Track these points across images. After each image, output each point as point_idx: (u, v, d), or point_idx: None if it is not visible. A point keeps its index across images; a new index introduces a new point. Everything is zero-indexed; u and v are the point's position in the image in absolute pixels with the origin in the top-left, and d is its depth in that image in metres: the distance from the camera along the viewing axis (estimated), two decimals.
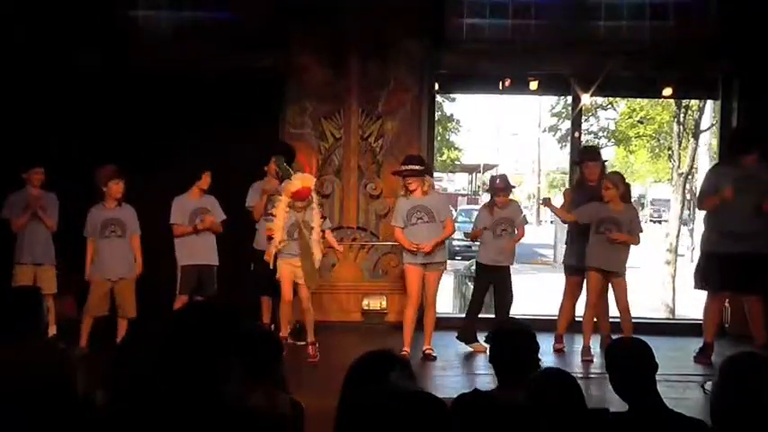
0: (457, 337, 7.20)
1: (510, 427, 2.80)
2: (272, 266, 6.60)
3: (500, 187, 7.17)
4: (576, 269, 7.27)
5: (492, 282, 7.18)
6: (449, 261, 18.38)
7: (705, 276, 6.84)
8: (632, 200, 7.55)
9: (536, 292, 12.49)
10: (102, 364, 2.59)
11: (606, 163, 7.88)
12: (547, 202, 7.68)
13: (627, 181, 7.06)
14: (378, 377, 2.35)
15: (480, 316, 7.38)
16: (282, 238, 6.48)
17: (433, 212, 6.61)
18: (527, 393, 2.67)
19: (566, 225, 7.68)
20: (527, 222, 7.47)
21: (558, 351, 7.10)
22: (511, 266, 7.26)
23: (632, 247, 6.90)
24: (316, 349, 6.52)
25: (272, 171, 7.03)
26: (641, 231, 6.92)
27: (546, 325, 7.17)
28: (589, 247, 6.78)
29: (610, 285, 6.86)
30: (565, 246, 7.59)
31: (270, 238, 6.61)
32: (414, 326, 6.75)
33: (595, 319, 7.11)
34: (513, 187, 7.46)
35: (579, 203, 7.13)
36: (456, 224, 24.94)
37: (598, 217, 6.71)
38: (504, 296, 7.12)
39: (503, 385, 3.24)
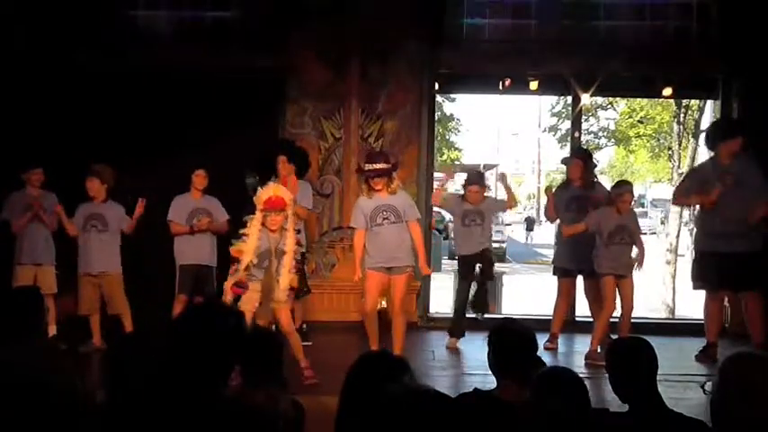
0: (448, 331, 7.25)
1: (510, 427, 2.80)
2: (230, 295, 5.56)
3: (471, 180, 7.15)
4: (567, 271, 7.35)
5: (474, 265, 7.16)
6: (449, 261, 18.36)
7: (702, 276, 6.87)
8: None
9: (536, 292, 12.48)
10: (101, 364, 2.60)
11: (596, 167, 7.97)
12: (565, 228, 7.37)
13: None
14: (378, 377, 2.35)
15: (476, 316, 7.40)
16: (251, 262, 5.55)
17: (400, 212, 6.14)
18: (532, 391, 2.66)
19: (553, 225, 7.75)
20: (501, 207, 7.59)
21: (549, 350, 7.07)
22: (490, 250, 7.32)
23: None
24: (311, 371, 5.70)
25: (282, 170, 6.91)
26: (641, 233, 7.01)
27: (546, 325, 7.19)
28: (604, 256, 6.70)
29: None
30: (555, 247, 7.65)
31: (235, 261, 5.62)
32: (377, 335, 6.18)
33: (591, 320, 7.15)
34: (486, 186, 7.38)
35: (562, 202, 7.29)
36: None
37: (610, 226, 6.67)
38: (487, 271, 7.18)
39: (502, 385, 3.24)
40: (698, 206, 7.06)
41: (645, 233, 18.79)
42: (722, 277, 6.67)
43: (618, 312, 6.85)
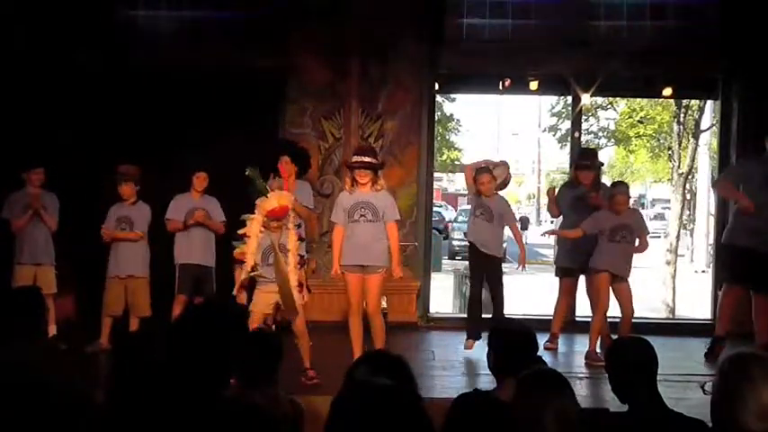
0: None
1: (509, 428, 2.79)
2: (236, 295, 5.77)
3: (482, 170, 6.91)
4: (569, 270, 7.34)
5: (485, 272, 6.95)
6: (449, 261, 18.27)
7: (722, 267, 6.85)
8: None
9: (536, 292, 12.48)
10: (102, 364, 2.60)
11: (602, 167, 7.95)
12: (552, 231, 7.54)
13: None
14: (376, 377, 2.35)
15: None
16: (255, 262, 5.68)
17: (379, 212, 6.00)
18: (517, 392, 2.66)
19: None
20: (516, 220, 7.34)
21: (550, 350, 7.05)
22: (501, 261, 7.05)
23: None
24: (314, 373, 5.74)
25: (285, 171, 6.87)
26: (648, 233, 7.01)
27: (546, 325, 7.19)
28: (601, 253, 6.70)
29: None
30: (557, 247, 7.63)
31: (239, 263, 5.79)
32: (361, 336, 6.12)
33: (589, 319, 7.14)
34: (495, 178, 6.94)
35: (567, 201, 7.27)
36: (456, 224, 24.62)
37: (609, 226, 6.67)
38: (496, 293, 6.93)
39: (502, 385, 3.24)
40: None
41: (659, 236, 18.82)
42: (740, 272, 6.64)
43: (618, 314, 6.85)
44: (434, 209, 11.73)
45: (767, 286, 6.57)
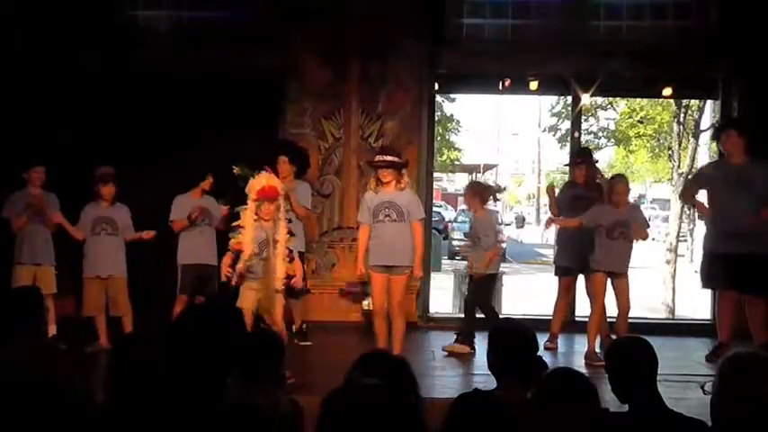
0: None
1: (510, 428, 2.79)
2: (234, 285, 5.61)
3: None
4: (567, 269, 7.35)
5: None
6: (448, 261, 18.24)
7: (710, 276, 6.87)
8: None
9: (535, 292, 12.48)
10: (102, 364, 2.60)
11: (598, 164, 8.00)
12: (552, 219, 7.55)
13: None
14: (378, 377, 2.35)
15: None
16: (252, 251, 5.54)
17: (404, 212, 6.05)
18: (537, 392, 2.65)
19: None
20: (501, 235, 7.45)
21: (550, 350, 7.05)
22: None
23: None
24: (290, 374, 5.30)
25: (283, 171, 6.87)
26: (648, 226, 7.02)
27: (546, 325, 7.20)
28: (600, 251, 6.69)
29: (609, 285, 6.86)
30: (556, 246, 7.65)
31: (236, 254, 5.62)
32: (386, 336, 6.09)
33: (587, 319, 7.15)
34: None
35: (565, 201, 7.31)
36: (456, 224, 24.53)
37: (608, 221, 6.66)
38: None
39: (502, 385, 3.24)
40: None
41: (660, 239, 18.87)
42: (727, 277, 6.66)
43: (615, 312, 6.85)
44: (434, 209, 11.74)
45: (752, 287, 6.59)
